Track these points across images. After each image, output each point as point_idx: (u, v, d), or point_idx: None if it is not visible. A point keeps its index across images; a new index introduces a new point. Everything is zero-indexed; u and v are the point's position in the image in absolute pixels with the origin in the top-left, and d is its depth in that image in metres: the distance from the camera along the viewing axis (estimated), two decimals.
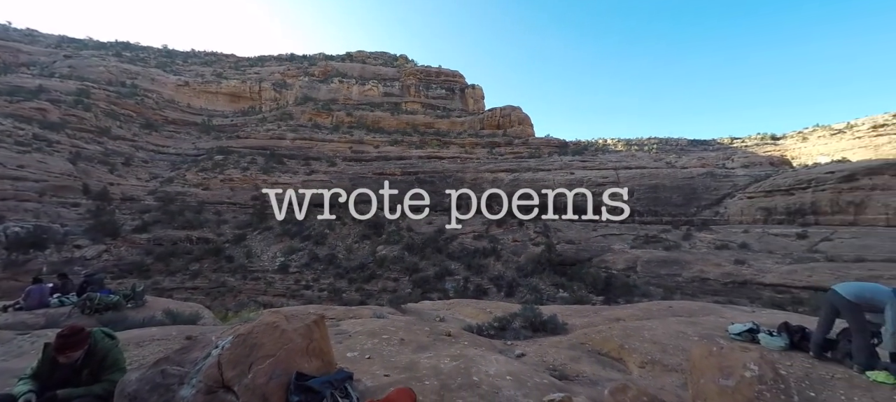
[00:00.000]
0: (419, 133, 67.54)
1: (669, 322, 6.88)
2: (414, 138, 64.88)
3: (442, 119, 73.25)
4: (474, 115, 76.02)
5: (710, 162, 48.68)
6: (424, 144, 63.27)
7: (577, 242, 37.35)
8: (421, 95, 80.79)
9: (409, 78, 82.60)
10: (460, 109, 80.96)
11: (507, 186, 47.86)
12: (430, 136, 66.80)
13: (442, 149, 61.70)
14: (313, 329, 3.14)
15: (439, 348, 5.45)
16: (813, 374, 4.70)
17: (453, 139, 65.93)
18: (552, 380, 4.53)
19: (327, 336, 3.45)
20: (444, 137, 67.02)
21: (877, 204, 32.48)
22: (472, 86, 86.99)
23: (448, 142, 64.96)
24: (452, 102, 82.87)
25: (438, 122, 72.37)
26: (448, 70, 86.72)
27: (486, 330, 8.14)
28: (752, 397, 3.52)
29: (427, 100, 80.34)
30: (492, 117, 72.04)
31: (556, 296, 27.92)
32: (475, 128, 71.41)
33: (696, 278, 27.42)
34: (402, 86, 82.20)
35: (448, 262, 34.67)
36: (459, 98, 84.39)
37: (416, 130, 68.47)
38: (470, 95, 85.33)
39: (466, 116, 76.06)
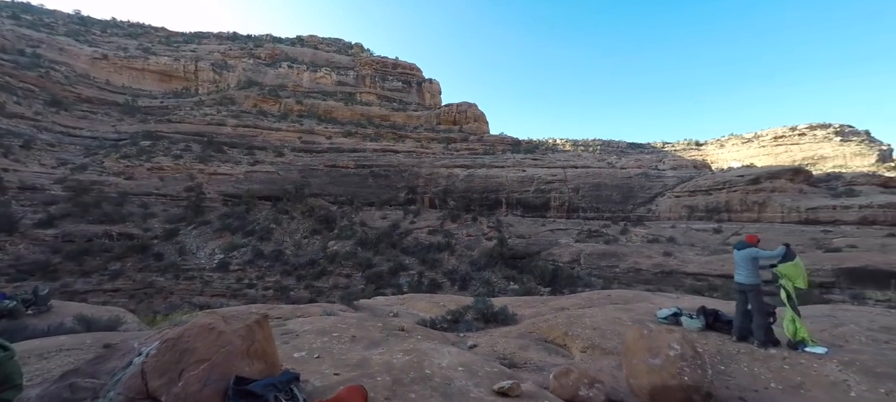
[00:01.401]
0: (374, 125, 65.96)
1: (607, 310, 7.46)
2: (369, 131, 63.23)
3: (398, 112, 72.16)
4: (431, 109, 75.88)
5: (645, 164, 53.42)
6: (379, 137, 61.95)
7: (528, 236, 39.02)
8: (377, 86, 78.82)
9: (365, 68, 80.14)
10: (417, 103, 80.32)
11: (463, 182, 48.58)
12: (385, 129, 65.53)
13: (397, 142, 60.86)
14: (255, 330, 2.94)
15: (392, 343, 5.40)
16: (723, 350, 5.38)
17: (409, 133, 65.31)
18: (502, 369, 4.70)
19: (271, 337, 3.25)
20: (399, 130, 66.12)
21: (775, 204, 37.90)
22: (430, 80, 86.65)
23: (404, 135, 64.21)
24: (409, 95, 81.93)
25: (394, 115, 71.21)
26: (405, 63, 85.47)
27: (440, 324, 8.23)
28: (675, 372, 3.94)
29: (383, 92, 78.58)
30: (448, 113, 72.41)
31: (508, 288, 28.99)
32: (432, 123, 71.33)
33: (632, 268, 30.00)
34: (358, 76, 79.55)
35: (402, 257, 34.43)
36: (416, 92, 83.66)
37: (371, 122, 66.77)
38: (427, 89, 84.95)
39: (423, 110, 75.68)
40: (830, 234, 32.02)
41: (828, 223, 34.62)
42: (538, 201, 46.74)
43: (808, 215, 35.90)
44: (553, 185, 46.97)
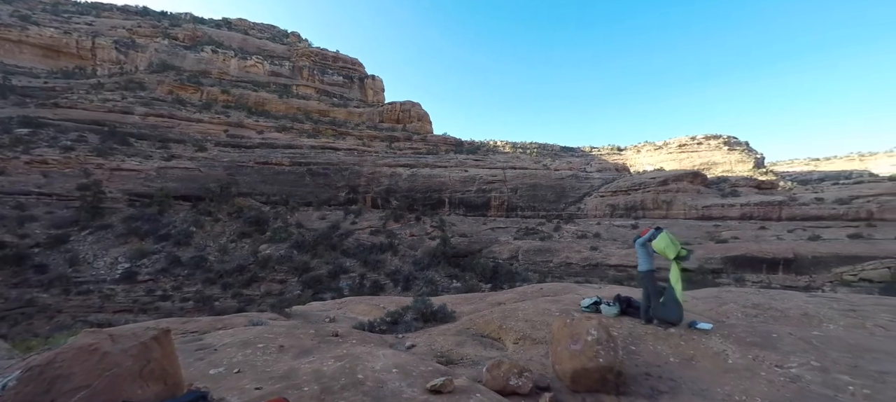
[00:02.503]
0: (312, 120, 62.54)
1: (539, 302, 7.93)
2: (306, 126, 59.76)
3: (339, 108, 69.31)
4: (374, 107, 74.15)
5: (575, 166, 58.00)
6: (318, 133, 58.90)
7: (470, 235, 40.04)
8: (315, 79, 74.82)
9: (303, 59, 75.55)
10: (359, 100, 77.91)
11: (406, 181, 48.23)
12: (324, 124, 62.49)
13: (338, 139, 58.42)
14: (151, 348, 2.57)
15: (324, 350, 5.15)
16: (634, 332, 6.02)
17: (351, 130, 63.10)
18: (437, 367, 4.74)
19: (173, 354, 2.88)
20: (340, 126, 63.56)
21: (680, 203, 43.64)
22: (372, 77, 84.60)
23: (345, 132, 61.86)
24: (351, 91, 79.11)
25: (335, 110, 68.26)
26: (347, 57, 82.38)
27: (378, 326, 8.05)
28: (592, 356, 4.31)
29: (322, 86, 74.84)
30: (392, 111, 71.38)
31: (451, 287, 29.47)
32: (374, 120, 69.73)
33: (563, 262, 32.37)
34: (294, 67, 74.71)
35: (343, 259, 33.14)
36: (358, 88, 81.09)
37: (308, 117, 63.18)
38: (370, 85, 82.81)
39: (365, 107, 73.64)
40: (720, 227, 37.78)
41: (718, 219, 40.80)
42: (480, 200, 48.21)
43: (704, 212, 41.96)
44: (494, 185, 48.78)
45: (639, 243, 6.24)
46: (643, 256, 6.16)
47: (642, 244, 6.19)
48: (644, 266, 6.14)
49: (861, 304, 7.35)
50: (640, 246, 6.21)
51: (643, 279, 6.20)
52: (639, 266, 6.28)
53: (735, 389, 4.34)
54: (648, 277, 6.10)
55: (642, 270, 6.17)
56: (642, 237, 6.25)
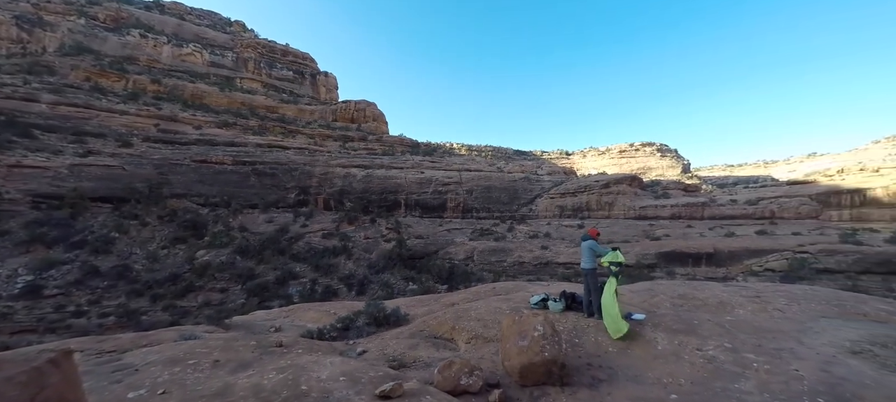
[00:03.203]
0: (259, 117, 58.69)
1: (491, 301, 8.11)
2: (252, 122, 55.93)
3: (288, 105, 65.77)
4: (327, 104, 71.38)
5: (527, 169, 60.44)
6: (265, 131, 55.41)
7: (426, 236, 40.01)
8: (262, 72, 70.37)
9: (248, 50, 70.67)
10: (310, 97, 74.59)
11: (361, 182, 47.04)
12: (272, 122, 58.94)
13: (287, 138, 55.41)
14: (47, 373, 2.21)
15: (265, 362, 4.82)
16: (578, 326, 6.37)
17: (301, 128, 60.16)
18: (388, 371, 4.64)
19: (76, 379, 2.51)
20: (290, 124, 60.34)
21: (620, 204, 47.22)
22: (325, 73, 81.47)
23: (295, 131, 58.84)
24: (302, 87, 75.48)
25: (284, 107, 64.67)
26: (297, 51, 78.46)
27: (328, 333, 7.73)
28: (538, 350, 4.49)
29: (270, 80, 70.59)
30: (346, 110, 69.24)
31: (407, 289, 29.18)
32: (327, 119, 67.16)
33: (517, 262, 33.51)
34: (238, 58, 69.64)
35: (292, 264, 31.47)
36: (310, 84, 77.63)
37: (254, 113, 59.20)
38: (322, 82, 79.65)
39: (318, 104, 70.65)
40: (654, 226, 41.45)
41: (652, 218, 44.76)
42: (436, 201, 48.39)
43: (640, 212, 45.81)
44: (450, 186, 49.24)
45: (586, 245, 6.56)
46: (587, 255, 6.54)
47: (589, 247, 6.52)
48: (587, 265, 6.52)
49: (764, 291, 8.45)
50: (586, 247, 6.55)
51: (586, 276, 6.59)
52: (582, 264, 6.66)
53: (663, 373, 4.76)
54: (591, 274, 6.49)
55: (585, 268, 6.55)
56: (591, 240, 6.59)
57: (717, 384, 4.34)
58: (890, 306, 7.85)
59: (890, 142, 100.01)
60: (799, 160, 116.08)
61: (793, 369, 4.49)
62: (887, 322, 6.70)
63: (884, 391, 3.88)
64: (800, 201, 44.07)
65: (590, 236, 6.62)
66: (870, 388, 3.97)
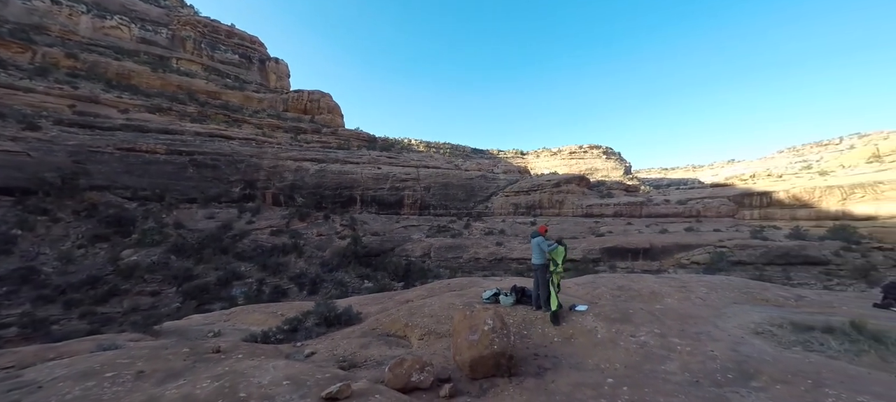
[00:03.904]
0: (199, 103, 53.78)
1: (445, 297, 8.18)
2: (190, 108, 51.11)
3: (233, 90, 60.97)
4: (277, 93, 67.25)
5: (484, 167, 61.72)
6: (206, 118, 50.93)
7: (382, 233, 39.36)
8: (203, 54, 64.54)
9: (186, 28, 64.35)
10: (259, 84, 69.81)
11: (314, 177, 45.05)
12: (215, 108, 54.32)
13: (232, 127, 51.40)
14: None
15: (199, 370, 4.44)
16: (527, 318, 6.63)
17: (248, 117, 56.14)
18: (337, 372, 4.50)
19: None
20: (235, 112, 56.01)
21: (569, 202, 49.91)
22: (276, 60, 76.70)
23: (241, 120, 54.76)
24: (249, 72, 70.38)
25: (228, 93, 59.85)
26: (244, 33, 72.98)
27: (274, 335, 7.33)
28: (488, 343, 4.61)
29: (213, 63, 64.96)
30: (298, 100, 65.78)
31: (362, 287, 28.50)
32: (277, 108, 63.33)
33: (472, 258, 34.14)
34: (174, 37, 63.20)
35: (237, 263, 29.34)
36: (259, 70, 72.64)
37: (193, 98, 54.13)
38: (272, 69, 74.91)
39: (267, 93, 66.30)
40: (599, 223, 44.38)
41: (598, 216, 47.90)
42: (393, 198, 47.75)
43: (587, 210, 48.81)
44: (407, 183, 48.82)
45: (535, 242, 6.83)
46: (537, 251, 6.81)
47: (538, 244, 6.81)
48: (537, 260, 6.79)
49: (689, 281, 9.41)
50: (536, 244, 6.81)
51: (536, 272, 6.87)
52: (532, 260, 6.93)
53: (601, 359, 5.12)
54: (541, 269, 6.77)
55: (536, 263, 6.83)
56: (540, 236, 6.87)
57: (647, 367, 4.76)
58: (786, 293, 9.12)
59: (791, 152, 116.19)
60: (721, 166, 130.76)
61: (709, 350, 5.05)
62: (783, 306, 7.78)
63: (778, 366, 4.50)
64: (720, 201, 49.70)
65: (539, 233, 6.91)
66: (768, 363, 4.58)
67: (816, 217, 42.76)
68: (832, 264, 27.10)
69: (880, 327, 5.57)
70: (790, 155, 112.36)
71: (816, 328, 5.67)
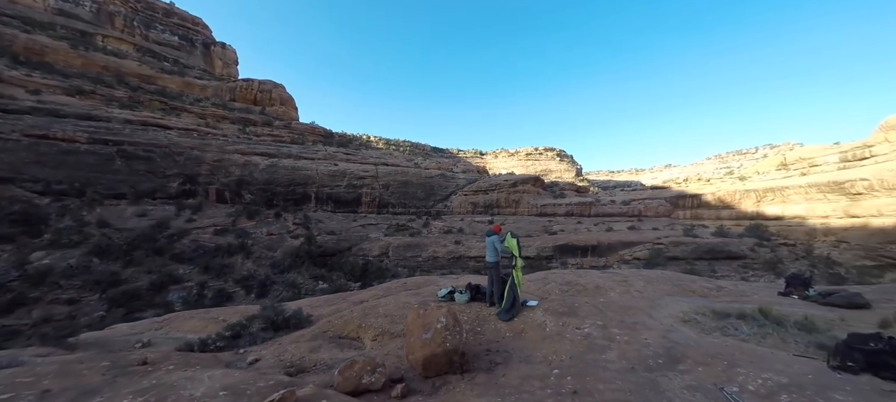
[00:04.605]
0: (130, 87, 48.40)
1: (400, 296, 8.10)
2: (119, 92, 45.84)
3: (172, 75, 55.63)
4: (223, 81, 62.44)
5: (443, 166, 62.07)
6: (138, 105, 45.99)
7: (339, 232, 38.14)
8: (136, 32, 58.20)
9: (116, 2, 57.53)
10: (202, 70, 64.39)
11: (264, 172, 42.50)
12: (149, 94, 49.20)
13: (169, 115, 46.88)
14: None
15: (121, 385, 3.99)
16: (480, 315, 6.76)
17: (188, 106, 51.52)
18: (282, 379, 4.28)
19: None
20: (173, 99, 51.14)
21: (525, 202, 51.72)
22: (223, 45, 71.21)
23: (180, 108, 50.11)
24: (191, 57, 64.67)
25: (166, 77, 54.49)
26: (186, 13, 66.87)
27: (214, 343, 6.80)
28: (440, 341, 4.63)
29: (148, 43, 58.82)
30: (248, 90, 61.59)
31: (317, 288, 27.39)
32: (223, 97, 58.82)
33: (431, 256, 34.19)
34: (100, 10, 56.26)
35: (174, 266, 26.84)
36: (202, 55, 67.00)
37: (123, 82, 48.61)
38: (218, 54, 69.47)
39: (212, 80, 61.33)
40: (552, 222, 46.49)
41: (551, 215, 50.16)
42: (350, 196, 46.44)
43: (542, 210, 50.92)
44: (365, 181, 47.72)
45: (490, 240, 6.97)
46: (491, 249, 6.96)
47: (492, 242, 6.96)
48: (491, 258, 6.95)
49: (629, 276, 10.15)
50: (490, 242, 6.96)
51: (490, 269, 7.03)
52: (487, 258, 7.08)
53: (549, 351, 5.35)
54: (494, 267, 6.94)
55: (490, 261, 6.98)
56: (494, 235, 7.02)
57: (590, 357, 5.05)
58: (710, 284, 10.17)
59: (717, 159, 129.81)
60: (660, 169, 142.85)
61: (644, 338, 5.48)
62: (707, 297, 8.66)
63: (700, 350, 5.00)
64: (658, 202, 54.28)
65: (494, 232, 7.07)
66: (692, 348, 5.07)
67: (737, 217, 48.23)
68: (748, 258, 30.71)
69: (782, 312, 6.40)
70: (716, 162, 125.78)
71: (732, 315, 6.38)
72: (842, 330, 5.48)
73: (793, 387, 3.73)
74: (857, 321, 6.12)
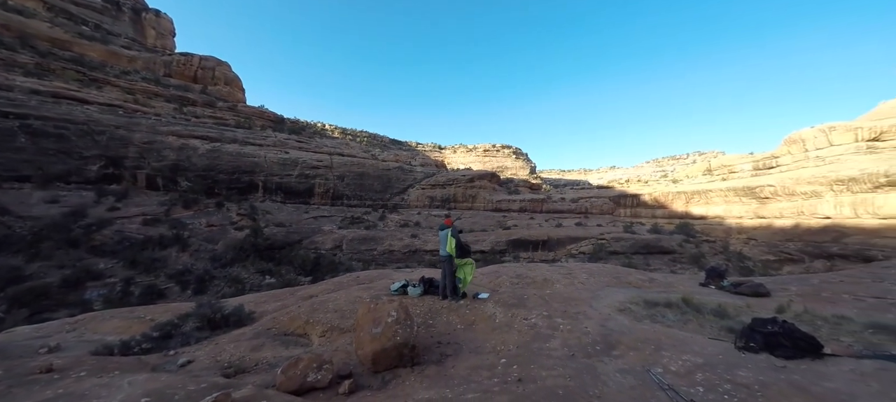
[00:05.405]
0: (38, 52, 41.75)
1: (352, 291, 7.90)
2: (23, 57, 39.35)
3: (93, 42, 48.83)
4: (156, 53, 56.10)
5: (402, 159, 61.33)
6: (49, 73, 39.87)
7: (289, 224, 36.27)
8: None
9: None
10: (131, 39, 57.28)
11: (204, 158, 39.08)
12: (62, 62, 42.81)
13: (88, 87, 41.22)
14: None
15: (17, 397, 3.46)
16: (433, 308, 6.80)
17: (113, 78, 45.65)
18: (217, 381, 3.98)
19: None
20: (94, 70, 45.01)
21: (481, 197, 52.81)
22: (156, 12, 63.81)
23: (103, 80, 44.25)
24: (117, 23, 57.18)
25: (84, 44, 47.71)
26: None
27: (138, 345, 6.16)
28: (390, 335, 4.58)
29: (61, 3, 50.89)
30: (186, 65, 55.94)
31: (263, 283, 25.83)
32: (156, 71, 52.90)
33: (387, 250, 33.75)
34: None
35: (93, 260, 23.83)
36: (131, 22, 59.57)
37: (29, 45, 41.78)
38: (151, 23, 62.20)
39: (143, 51, 54.80)
40: (507, 217, 48.02)
41: (505, 211, 51.76)
42: (302, 186, 44.29)
43: (497, 205, 52.35)
44: (319, 170, 45.76)
45: (442, 234, 7.04)
46: (444, 242, 7.01)
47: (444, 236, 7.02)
48: (444, 251, 7.00)
49: (574, 269, 10.78)
50: (443, 236, 7.02)
51: (443, 263, 7.08)
52: (440, 251, 7.12)
53: (498, 341, 5.53)
54: (448, 260, 7.01)
55: (443, 254, 7.03)
56: (446, 228, 7.08)
57: (535, 345, 5.30)
58: (644, 276, 11.11)
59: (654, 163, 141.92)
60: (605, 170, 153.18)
61: (584, 327, 5.86)
62: (641, 287, 9.46)
63: (632, 336, 5.45)
64: (603, 201, 58.21)
65: (446, 226, 7.13)
66: (625, 335, 5.51)
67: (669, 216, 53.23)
68: (677, 253, 34.07)
69: (701, 300, 7.18)
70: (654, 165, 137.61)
71: (661, 304, 7.03)
72: (747, 316, 6.27)
73: (706, 366, 4.21)
74: (759, 308, 7.04)
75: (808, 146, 41.53)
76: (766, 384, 3.70)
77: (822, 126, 40.89)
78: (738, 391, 3.61)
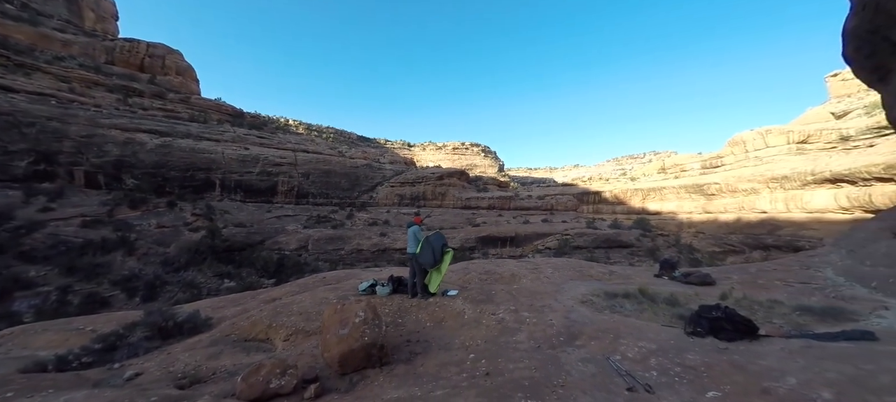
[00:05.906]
0: None
1: (318, 292, 7.67)
2: None
3: (18, 22, 43.64)
4: (96, 38, 51.11)
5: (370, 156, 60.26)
6: None
7: (250, 224, 34.55)
8: None
9: None
10: (65, 21, 51.77)
11: (153, 153, 36.28)
12: None
13: (14, 74, 36.82)
14: None
15: None
16: (402, 306, 6.76)
17: (45, 65, 41.09)
18: (169, 393, 3.72)
19: None
20: (20, 54, 40.25)
21: (451, 195, 53.09)
22: None
23: (32, 66, 39.68)
24: (49, 3, 51.41)
25: (8, 25, 42.51)
26: None
27: (77, 359, 5.62)
28: (358, 336, 4.50)
29: None
30: (132, 52, 51.46)
31: (222, 287, 24.43)
32: (97, 58, 48.24)
33: (355, 249, 33.08)
34: None
35: (22, 267, 21.42)
36: (66, 3, 53.83)
37: None
38: (89, 4, 56.68)
39: (81, 36, 49.71)
40: (476, 215, 48.63)
41: (475, 208, 52.40)
42: (264, 184, 42.32)
43: (466, 203, 52.87)
44: (282, 168, 43.92)
45: (411, 232, 7.00)
46: (412, 240, 6.98)
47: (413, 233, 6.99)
48: (412, 249, 6.97)
49: (540, 264, 11.13)
50: (411, 234, 6.99)
51: (411, 261, 7.05)
52: (408, 249, 7.09)
53: (466, 337, 5.60)
54: (416, 259, 6.98)
55: (411, 252, 7.00)
56: (415, 227, 7.06)
57: (502, 339, 5.42)
58: (604, 269, 11.67)
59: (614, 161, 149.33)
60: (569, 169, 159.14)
61: (549, 319, 6.07)
62: (601, 280, 9.94)
63: (593, 327, 5.72)
64: (567, 198, 60.47)
65: (415, 224, 7.11)
66: (587, 326, 5.78)
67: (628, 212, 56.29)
68: (635, 247, 36.12)
69: (656, 291, 7.67)
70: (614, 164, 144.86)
71: (619, 295, 7.43)
72: (695, 303, 6.77)
73: (660, 352, 4.50)
74: (706, 295, 7.63)
75: (748, 147, 45.45)
76: (711, 365, 4.03)
77: (760, 129, 44.92)
78: (687, 373, 3.90)
